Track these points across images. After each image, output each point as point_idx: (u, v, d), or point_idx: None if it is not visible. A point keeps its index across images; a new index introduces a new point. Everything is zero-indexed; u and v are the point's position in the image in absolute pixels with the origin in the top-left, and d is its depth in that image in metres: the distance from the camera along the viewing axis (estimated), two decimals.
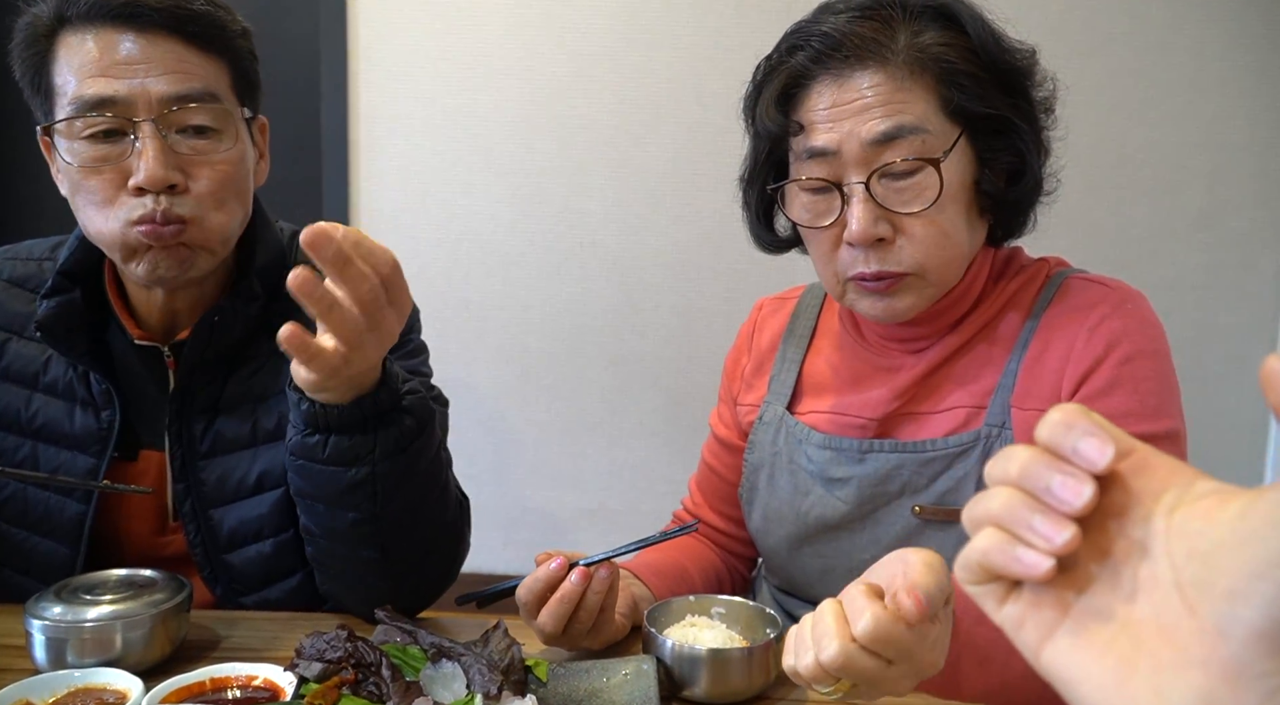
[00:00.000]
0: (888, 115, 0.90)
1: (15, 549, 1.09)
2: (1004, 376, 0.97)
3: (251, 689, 0.86)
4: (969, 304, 1.01)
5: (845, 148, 0.92)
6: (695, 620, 0.95)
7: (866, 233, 0.92)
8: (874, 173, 0.92)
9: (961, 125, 0.93)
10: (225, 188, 1.02)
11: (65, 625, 0.87)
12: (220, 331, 1.06)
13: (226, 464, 1.09)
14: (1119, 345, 0.92)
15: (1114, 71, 2.39)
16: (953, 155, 0.92)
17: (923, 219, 0.92)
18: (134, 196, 0.98)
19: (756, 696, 0.88)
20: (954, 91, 0.91)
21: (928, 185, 0.91)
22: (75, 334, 1.06)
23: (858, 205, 0.92)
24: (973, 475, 0.95)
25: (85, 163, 0.98)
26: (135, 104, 0.97)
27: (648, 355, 2.64)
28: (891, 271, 0.94)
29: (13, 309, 1.10)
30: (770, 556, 1.13)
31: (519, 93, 2.58)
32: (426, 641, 0.86)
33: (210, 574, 1.10)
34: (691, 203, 2.58)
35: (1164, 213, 2.46)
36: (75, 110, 0.97)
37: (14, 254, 1.15)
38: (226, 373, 1.10)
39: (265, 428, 1.10)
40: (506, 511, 2.70)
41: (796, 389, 1.12)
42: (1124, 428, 0.90)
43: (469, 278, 2.65)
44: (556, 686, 0.85)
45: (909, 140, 0.90)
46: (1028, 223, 1.01)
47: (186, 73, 0.99)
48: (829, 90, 0.93)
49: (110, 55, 0.96)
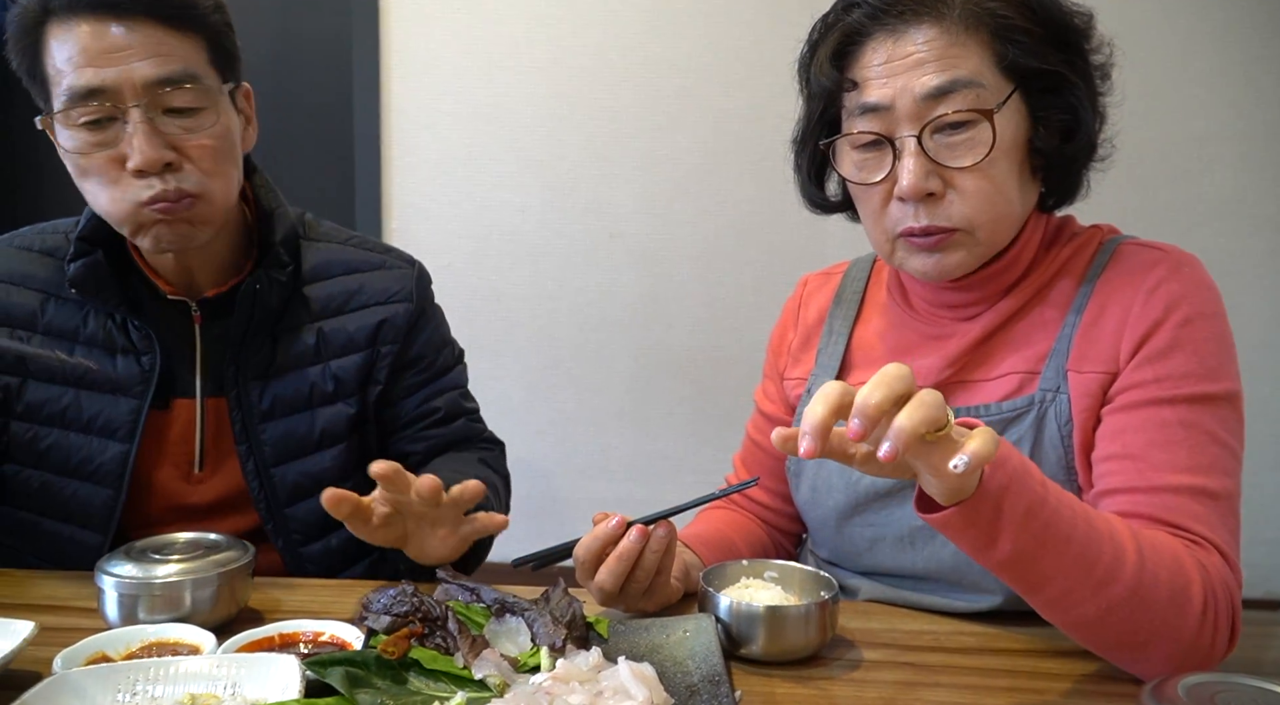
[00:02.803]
0: (941, 70, 0.91)
1: (55, 496, 1.14)
2: (1059, 341, 0.97)
3: (319, 643, 0.87)
4: (1020, 270, 1.01)
5: (899, 102, 0.93)
6: (750, 582, 0.96)
7: (917, 186, 0.93)
8: (926, 126, 0.92)
9: (1015, 82, 0.93)
10: (216, 160, 1.09)
11: (136, 582, 0.90)
12: (261, 299, 1.15)
13: (288, 424, 1.18)
14: (1178, 307, 0.93)
15: (1140, 56, 2.39)
16: (1006, 110, 0.93)
17: (974, 173, 0.93)
18: (136, 178, 1.04)
19: (813, 656, 0.89)
20: (1009, 47, 0.92)
21: (980, 139, 0.92)
22: (106, 288, 1.13)
23: (909, 158, 0.93)
24: (1027, 440, 0.96)
25: (83, 149, 1.04)
26: (122, 91, 1.02)
27: (675, 345, 2.66)
28: (941, 226, 0.95)
29: (47, 275, 1.17)
30: (818, 528, 1.14)
31: (546, 86, 2.60)
32: (489, 597, 0.88)
33: (274, 527, 1.18)
34: (719, 193, 2.59)
35: (1190, 198, 2.46)
36: (69, 101, 1.03)
37: (43, 230, 1.22)
38: (274, 338, 1.19)
39: (323, 390, 1.20)
40: (536, 502, 2.72)
41: (845, 361, 1.13)
42: (1183, 389, 0.92)
43: (498, 270, 2.67)
44: (618, 642, 0.87)
45: (963, 93, 0.91)
46: (1080, 186, 1.02)
47: (167, 56, 1.04)
48: (884, 46, 0.94)
49: (96, 44, 1.02)
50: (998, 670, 0.88)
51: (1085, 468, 0.95)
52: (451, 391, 1.33)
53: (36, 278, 1.17)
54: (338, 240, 1.29)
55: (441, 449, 1.31)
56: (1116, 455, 0.91)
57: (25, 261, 1.18)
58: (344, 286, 1.25)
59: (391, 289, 1.27)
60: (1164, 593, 0.80)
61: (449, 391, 1.32)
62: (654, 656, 0.84)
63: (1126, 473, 0.90)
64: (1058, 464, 0.96)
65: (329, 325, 1.22)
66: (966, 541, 0.77)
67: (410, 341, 1.28)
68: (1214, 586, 0.82)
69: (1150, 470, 0.89)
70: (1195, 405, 0.90)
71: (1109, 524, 0.80)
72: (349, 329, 1.23)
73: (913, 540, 1.02)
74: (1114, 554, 0.79)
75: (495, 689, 0.77)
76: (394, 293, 1.27)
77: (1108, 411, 0.94)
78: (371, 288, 1.26)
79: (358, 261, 1.27)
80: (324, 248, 1.26)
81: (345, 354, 1.22)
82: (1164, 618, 0.80)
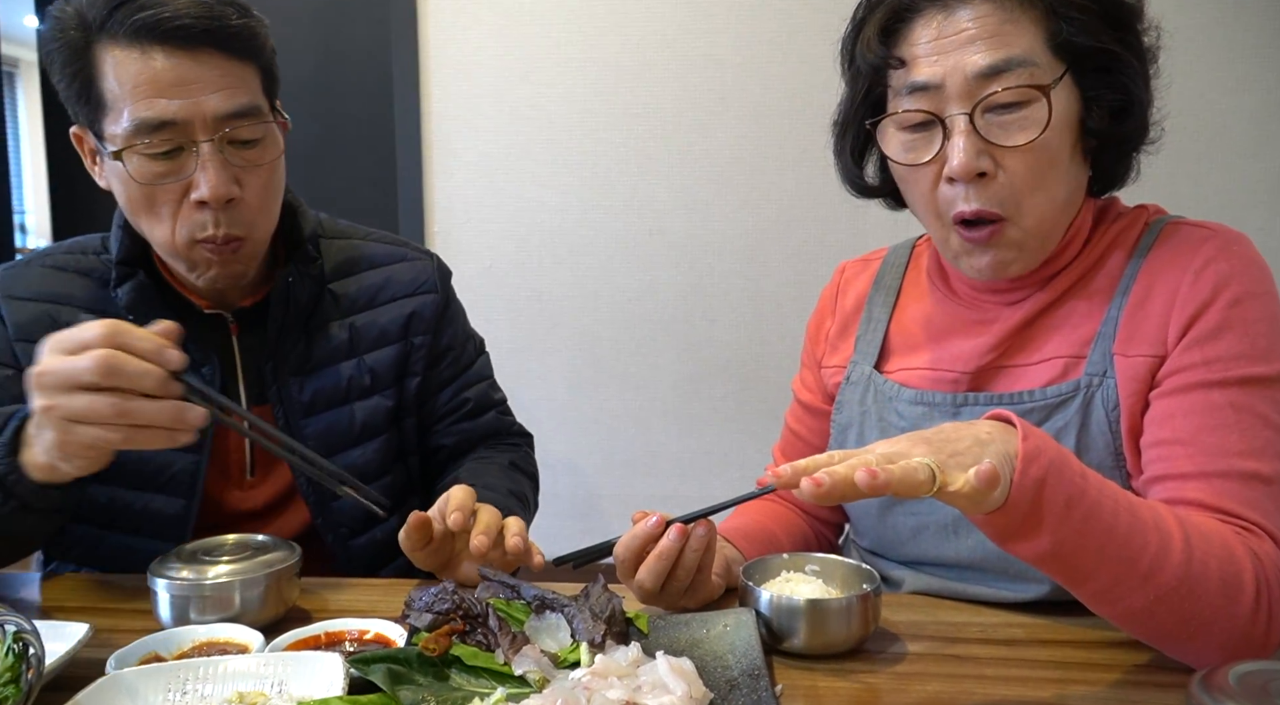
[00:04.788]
0: (993, 48, 0.89)
1: (126, 509, 1.16)
2: (1104, 324, 0.95)
3: (363, 642, 0.89)
4: (1069, 257, 0.99)
5: (949, 81, 0.91)
6: (790, 576, 0.95)
7: (968, 166, 0.90)
8: (978, 105, 0.90)
9: (1067, 61, 0.91)
10: (270, 192, 1.12)
11: (188, 584, 0.92)
12: (294, 295, 1.18)
13: (329, 418, 1.21)
14: (1227, 287, 0.90)
15: (1191, 36, 2.33)
16: (1059, 90, 0.90)
17: (1026, 153, 0.90)
18: (195, 210, 1.06)
19: (856, 649, 0.88)
20: (1062, 24, 0.89)
21: (1034, 118, 0.89)
22: (156, 308, 1.14)
23: (960, 137, 0.91)
24: (1073, 425, 0.94)
25: (147, 179, 1.05)
26: (193, 124, 1.03)
27: (717, 341, 2.65)
28: (992, 212, 0.92)
29: (86, 295, 1.18)
30: (860, 518, 1.13)
31: (584, 85, 2.61)
32: (529, 594, 0.88)
33: (324, 522, 1.20)
34: (758, 187, 2.58)
35: (1243, 180, 2.39)
36: (136, 131, 1.02)
37: (70, 249, 1.22)
38: (308, 335, 1.21)
39: (361, 384, 1.22)
40: (583, 500, 2.73)
41: (884, 347, 1.11)
42: (1233, 371, 0.89)
43: (540, 269, 2.69)
44: (658, 637, 0.87)
45: (1016, 72, 0.89)
46: (1130, 169, 0.99)
47: (233, 88, 1.05)
48: (933, 22, 0.92)
49: (163, 75, 1.02)
50: (1046, 662, 0.86)
51: (1134, 453, 0.93)
52: (480, 383, 1.35)
53: (77, 297, 1.17)
54: (357, 236, 1.31)
55: (474, 443, 1.33)
56: (1166, 440, 0.89)
57: (63, 282, 1.18)
58: (370, 281, 1.27)
59: (417, 280, 1.30)
60: (1214, 581, 0.78)
61: (477, 383, 1.35)
62: (694, 651, 0.84)
63: (1176, 458, 0.88)
64: (1105, 450, 0.93)
65: (360, 319, 1.24)
66: (1007, 537, 0.76)
67: (439, 333, 1.30)
68: (1267, 573, 0.80)
69: (1200, 455, 0.86)
70: (1246, 387, 0.88)
71: (1154, 512, 0.78)
72: (380, 322, 1.25)
73: (956, 528, 1.01)
74: (1160, 543, 0.76)
75: (535, 685, 0.78)
76: (420, 284, 1.29)
77: (1156, 396, 0.91)
78: (397, 280, 1.28)
79: (380, 255, 1.30)
80: (344, 244, 1.29)
81: (379, 347, 1.25)
82: (1215, 606, 0.78)
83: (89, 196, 2.88)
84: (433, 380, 1.30)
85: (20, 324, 1.14)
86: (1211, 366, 0.89)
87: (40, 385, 0.85)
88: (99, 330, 0.83)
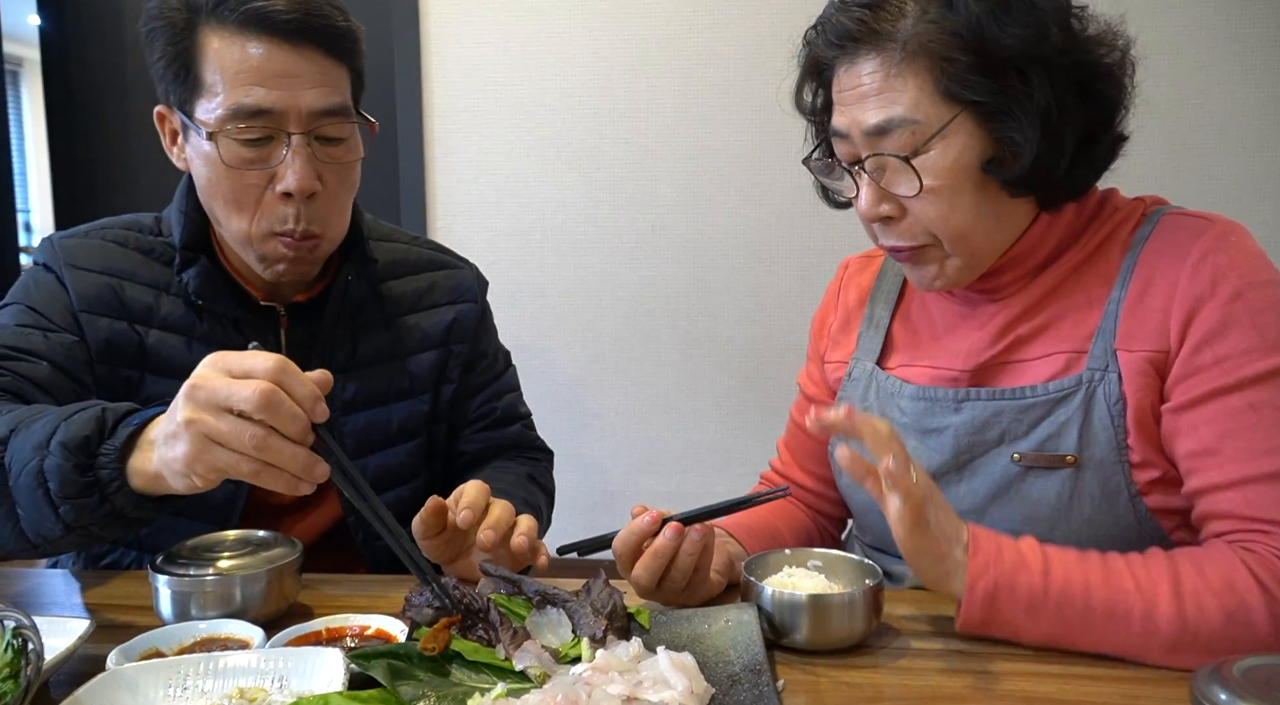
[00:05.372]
0: (880, 107, 0.92)
1: (157, 535, 1.15)
2: (1105, 318, 0.95)
3: (364, 637, 0.89)
4: (1046, 252, 0.99)
5: (853, 132, 0.95)
6: (793, 572, 0.95)
7: (870, 212, 0.96)
8: (870, 157, 0.95)
9: (962, 105, 0.91)
10: (347, 191, 1.13)
11: (189, 580, 0.92)
12: (350, 293, 1.20)
13: (368, 417, 1.22)
14: (1226, 280, 0.90)
15: (1196, 28, 2.31)
16: (953, 134, 0.91)
17: (922, 200, 0.93)
18: (278, 202, 1.07)
19: (858, 644, 0.88)
20: (942, 77, 0.90)
21: (923, 166, 0.92)
22: (223, 294, 1.15)
23: (863, 186, 0.96)
24: (1075, 421, 0.94)
25: (235, 163, 1.05)
26: (288, 116, 1.05)
27: (721, 336, 2.64)
28: (904, 246, 0.97)
29: (150, 273, 1.17)
30: (862, 513, 1.12)
31: (586, 80, 2.60)
32: (531, 590, 0.88)
33: (355, 519, 1.20)
34: (760, 183, 2.57)
35: (1251, 172, 2.37)
36: (232, 115, 1.04)
37: (128, 225, 1.21)
38: (353, 334, 1.22)
39: (400, 386, 1.23)
40: (586, 496, 2.73)
41: (886, 344, 1.11)
42: (1245, 369, 0.90)
43: (543, 265, 2.69)
44: (659, 633, 0.86)
45: (897, 133, 0.92)
46: (1079, 187, 0.97)
47: (330, 86, 1.07)
48: (842, 74, 0.96)
49: (268, 65, 1.03)
50: (1049, 656, 0.86)
51: (1142, 446, 0.92)
52: (509, 394, 1.36)
53: (140, 275, 1.16)
54: (403, 240, 1.33)
55: (496, 452, 1.33)
56: (1195, 452, 0.90)
57: (125, 258, 1.17)
58: (415, 285, 1.28)
59: (461, 288, 1.31)
60: (1216, 620, 0.81)
61: (507, 394, 1.36)
62: (695, 646, 0.84)
63: (1206, 470, 0.89)
64: (1108, 444, 0.93)
65: (405, 322, 1.25)
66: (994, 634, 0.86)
67: (477, 342, 1.31)
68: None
69: (1229, 464, 0.87)
70: (1261, 384, 0.88)
71: (1133, 574, 0.84)
72: (424, 327, 1.26)
73: None
74: (1145, 605, 0.82)
75: (536, 680, 0.78)
76: (463, 292, 1.31)
77: (1178, 408, 0.91)
78: (442, 287, 1.30)
79: (425, 261, 1.31)
80: (391, 247, 1.29)
81: (421, 351, 1.26)
82: (1227, 638, 0.81)
83: (91, 196, 2.88)
84: (465, 387, 1.30)
85: (84, 295, 1.13)
86: (1223, 366, 0.89)
87: (193, 397, 0.80)
88: (269, 363, 0.79)
